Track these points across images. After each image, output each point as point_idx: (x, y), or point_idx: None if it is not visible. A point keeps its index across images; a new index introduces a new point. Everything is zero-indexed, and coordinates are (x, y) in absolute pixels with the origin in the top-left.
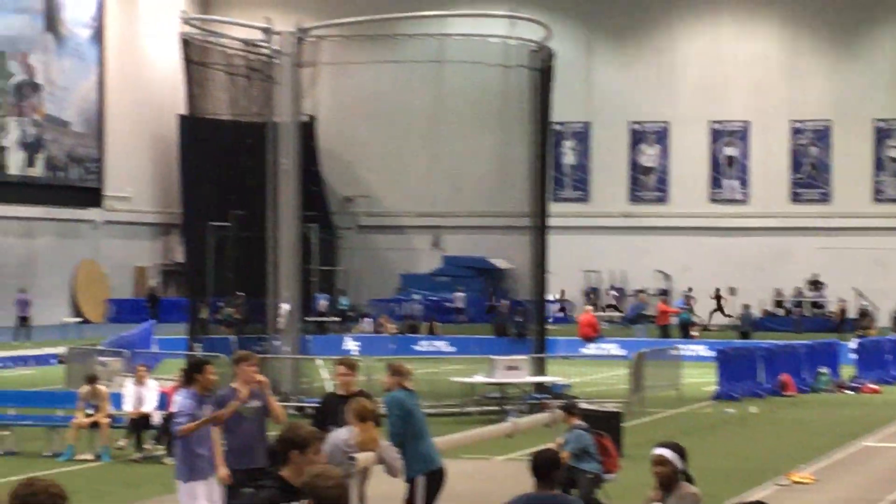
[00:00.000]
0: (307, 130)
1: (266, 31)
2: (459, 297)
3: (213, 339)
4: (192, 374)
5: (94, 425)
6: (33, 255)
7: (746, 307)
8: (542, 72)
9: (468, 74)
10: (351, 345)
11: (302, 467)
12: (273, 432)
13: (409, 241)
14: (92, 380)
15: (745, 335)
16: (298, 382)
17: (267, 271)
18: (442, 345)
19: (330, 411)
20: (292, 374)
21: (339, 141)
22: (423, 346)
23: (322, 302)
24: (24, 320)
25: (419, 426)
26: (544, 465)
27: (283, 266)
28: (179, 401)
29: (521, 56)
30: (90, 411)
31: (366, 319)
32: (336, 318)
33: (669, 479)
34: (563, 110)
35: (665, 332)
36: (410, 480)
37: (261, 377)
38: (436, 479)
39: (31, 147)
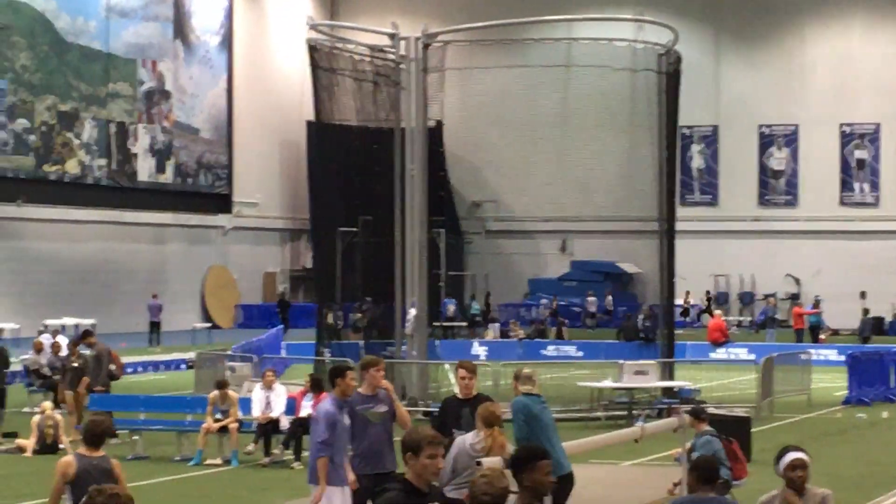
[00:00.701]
0: (434, 135)
1: (392, 36)
2: (592, 302)
3: (341, 345)
4: (333, 379)
5: (223, 430)
6: (163, 260)
7: (866, 311)
8: (670, 75)
9: (595, 78)
10: (479, 349)
11: (418, 470)
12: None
13: (537, 246)
14: (221, 385)
15: (865, 340)
16: (426, 387)
17: (394, 276)
18: (570, 349)
19: (450, 415)
20: (420, 378)
21: (466, 146)
22: (551, 350)
23: (450, 307)
24: (155, 325)
25: (546, 431)
26: (708, 469)
27: (411, 271)
28: (320, 406)
29: (648, 60)
30: (219, 416)
31: (493, 324)
32: (464, 323)
33: (804, 482)
34: (690, 114)
35: (800, 336)
36: None
37: (386, 382)
38: (563, 485)
39: (161, 154)
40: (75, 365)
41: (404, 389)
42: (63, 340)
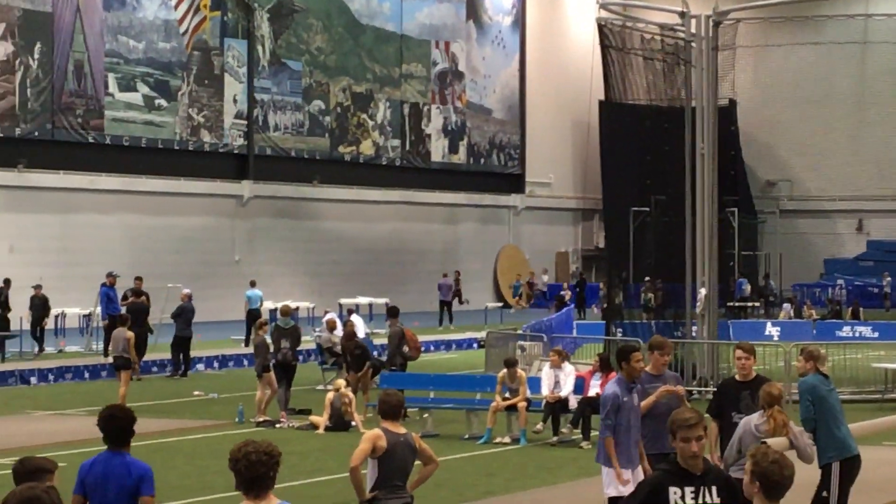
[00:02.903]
0: (727, 114)
1: (682, 14)
2: (888, 283)
3: (632, 324)
4: (619, 361)
5: (512, 409)
6: (456, 240)
7: None
8: None
9: (892, 55)
10: (771, 330)
11: (678, 452)
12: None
13: (833, 226)
14: (511, 364)
15: None
16: (717, 368)
17: (686, 256)
18: (865, 330)
19: (727, 396)
20: (710, 359)
21: (759, 124)
22: (846, 331)
23: (744, 287)
24: (447, 305)
25: (833, 412)
26: None
27: (702, 251)
28: (607, 387)
29: None
30: (508, 395)
31: (786, 304)
32: (756, 304)
33: None
34: None
35: None
36: (824, 467)
37: (673, 388)
38: (850, 467)
39: (454, 134)
40: (357, 352)
41: (694, 369)
42: (357, 320)
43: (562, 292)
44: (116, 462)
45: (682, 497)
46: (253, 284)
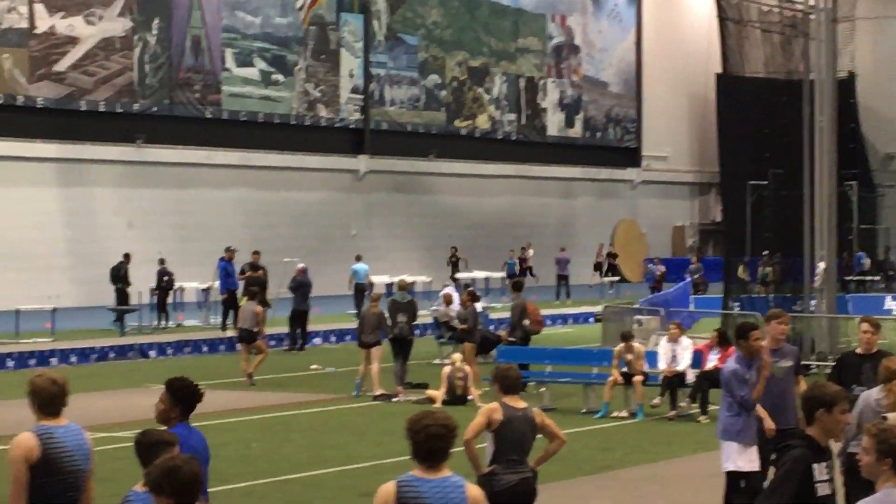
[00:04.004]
0: (846, 87)
1: None
2: None
3: (750, 299)
4: (738, 339)
5: (629, 383)
6: (572, 214)
7: None
8: None
9: None
10: (891, 304)
11: (829, 426)
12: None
13: None
14: (627, 338)
15: None
16: (835, 342)
17: (804, 230)
18: None
19: (848, 370)
20: (829, 333)
21: (879, 97)
22: None
23: (863, 261)
24: (563, 279)
25: None
26: None
27: (820, 224)
28: (727, 364)
29: None
30: (625, 369)
31: None
32: (876, 278)
33: None
34: None
35: None
36: None
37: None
38: None
39: (570, 108)
40: (463, 326)
41: (813, 344)
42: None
43: (650, 265)
44: (196, 433)
45: (820, 473)
46: (358, 258)
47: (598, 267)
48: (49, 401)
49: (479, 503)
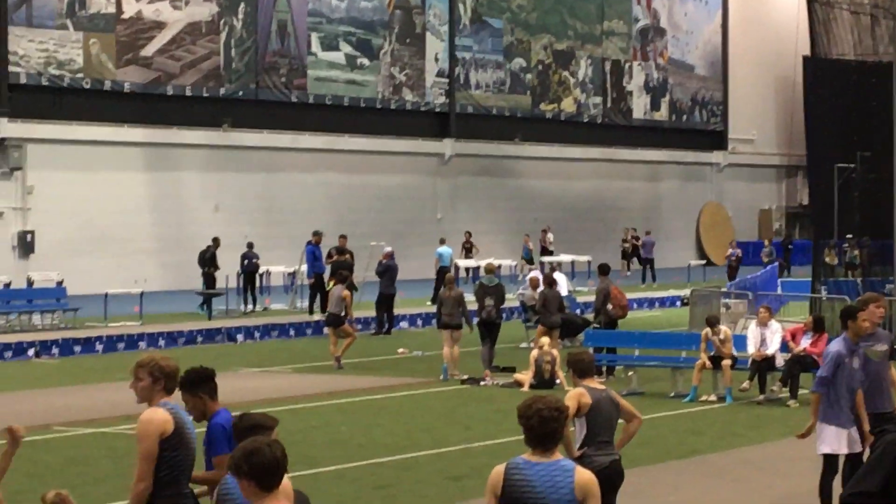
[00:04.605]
0: None
1: None
2: None
3: (837, 282)
4: (844, 320)
5: (717, 367)
6: (657, 197)
7: None
8: None
9: None
10: None
11: None
12: None
13: None
14: (712, 323)
15: None
16: None
17: (893, 213)
18: None
19: None
20: None
21: None
22: None
23: None
24: (648, 262)
25: None
26: None
27: None
28: (830, 345)
29: None
30: (713, 353)
31: None
32: None
33: None
34: None
35: None
36: None
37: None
38: None
39: (656, 91)
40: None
41: None
42: (560, 278)
43: (764, 249)
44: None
45: None
46: (443, 242)
47: (625, 254)
48: (174, 379)
49: (588, 486)
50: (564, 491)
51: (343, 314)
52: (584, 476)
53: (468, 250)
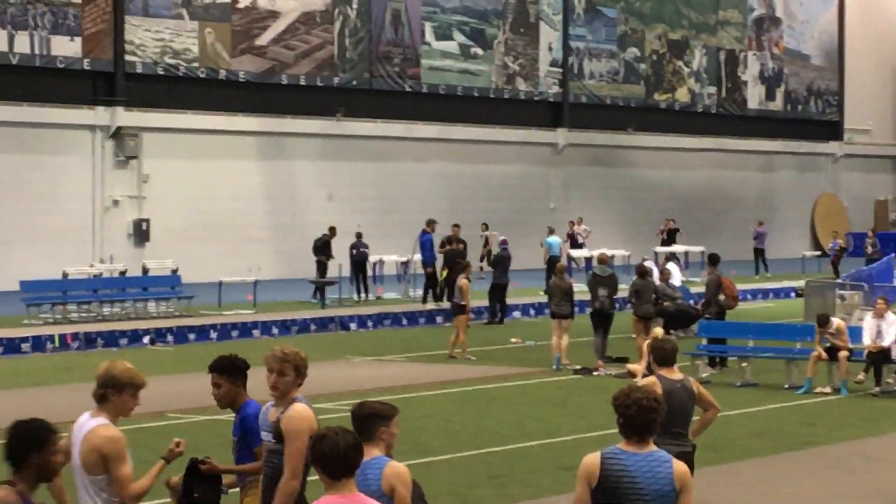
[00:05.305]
0: None
1: None
2: None
3: None
4: None
5: (833, 358)
6: (772, 188)
7: None
8: None
9: None
10: None
11: None
12: None
13: None
14: (822, 322)
15: None
16: None
17: None
18: None
19: None
20: None
21: None
22: None
23: None
24: (760, 253)
25: None
26: None
27: None
28: None
29: None
30: (828, 344)
31: None
32: None
33: None
34: None
35: None
36: None
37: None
38: None
39: (771, 81)
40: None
41: None
42: (673, 268)
43: (868, 240)
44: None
45: None
46: (552, 232)
47: (664, 244)
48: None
49: (685, 478)
50: (665, 482)
51: (462, 303)
52: (682, 467)
53: (574, 239)
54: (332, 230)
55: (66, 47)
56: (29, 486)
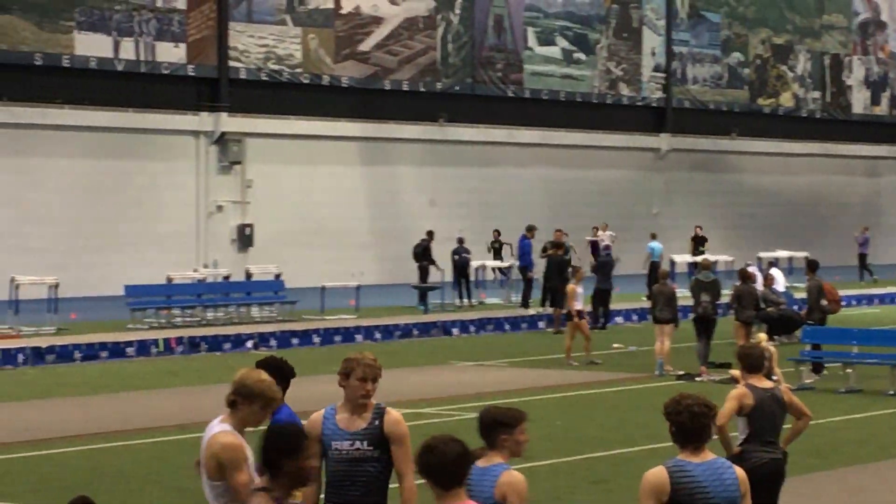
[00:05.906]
0: None
1: None
2: None
3: None
4: None
5: None
6: (877, 193)
7: None
8: None
9: None
10: None
11: None
12: None
13: None
14: None
15: None
16: None
17: None
18: None
19: None
20: None
21: None
22: None
23: None
24: (863, 258)
25: None
26: None
27: None
28: None
29: None
30: None
31: None
32: None
33: None
34: None
35: None
36: None
37: None
38: None
39: (876, 85)
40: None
41: None
42: (777, 274)
43: None
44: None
45: None
46: (654, 237)
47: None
48: None
49: (746, 482)
50: (733, 488)
51: (567, 310)
52: (742, 472)
53: (497, 250)
54: (430, 234)
55: (171, 53)
56: (285, 492)
